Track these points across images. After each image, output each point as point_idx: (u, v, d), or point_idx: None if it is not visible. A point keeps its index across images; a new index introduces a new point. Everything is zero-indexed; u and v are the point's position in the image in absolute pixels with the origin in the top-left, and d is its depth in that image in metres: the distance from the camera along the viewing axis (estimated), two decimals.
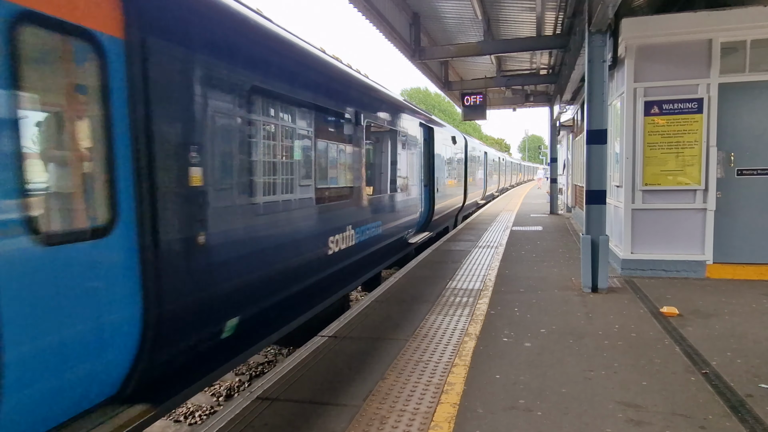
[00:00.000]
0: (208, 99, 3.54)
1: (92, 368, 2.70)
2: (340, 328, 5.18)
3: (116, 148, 2.76)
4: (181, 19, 3.31)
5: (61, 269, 2.48)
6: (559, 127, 18.11)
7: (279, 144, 4.72)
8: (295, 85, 4.85)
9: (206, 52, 3.50)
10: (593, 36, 6.33)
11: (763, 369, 3.95)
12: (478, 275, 7.54)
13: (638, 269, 7.31)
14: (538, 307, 5.77)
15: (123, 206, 2.81)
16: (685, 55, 7.02)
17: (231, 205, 3.81)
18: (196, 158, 3.38)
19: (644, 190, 7.25)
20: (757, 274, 6.95)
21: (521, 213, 18.10)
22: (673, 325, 5.06)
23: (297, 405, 3.52)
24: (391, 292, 6.64)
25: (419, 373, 3.97)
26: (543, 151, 53.64)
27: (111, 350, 2.79)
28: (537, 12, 10.24)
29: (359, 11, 9.09)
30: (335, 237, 5.75)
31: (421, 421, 3.22)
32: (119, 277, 2.81)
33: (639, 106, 7.16)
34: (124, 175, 2.81)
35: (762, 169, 6.94)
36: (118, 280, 2.80)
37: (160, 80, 3.06)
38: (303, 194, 5.14)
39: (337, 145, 6.29)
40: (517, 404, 3.43)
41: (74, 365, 2.59)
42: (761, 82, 6.85)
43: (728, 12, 6.82)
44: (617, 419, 3.20)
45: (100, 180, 2.74)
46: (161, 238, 3.03)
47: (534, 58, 15.32)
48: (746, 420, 3.16)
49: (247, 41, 4.12)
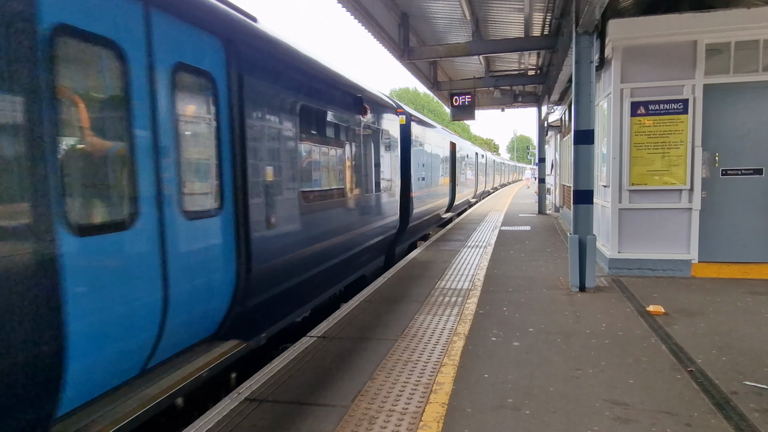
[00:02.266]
0: (278, 114, 4.75)
1: (207, 308, 3.80)
2: (329, 328, 5.17)
3: (222, 156, 3.89)
4: (259, 59, 4.45)
5: (199, 234, 3.63)
6: (547, 128, 18.23)
7: (320, 151, 6.08)
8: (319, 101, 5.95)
9: (275, 82, 4.70)
10: (580, 37, 6.38)
11: (748, 366, 4.00)
12: (467, 275, 7.56)
13: (625, 268, 7.38)
14: (526, 307, 5.80)
15: (226, 196, 3.94)
16: (670, 57, 7.10)
17: (289, 195, 4.96)
18: (270, 160, 4.53)
19: (631, 190, 7.32)
20: (742, 272, 7.04)
21: (510, 213, 18.20)
22: (660, 323, 5.11)
23: (285, 406, 3.50)
24: (380, 292, 6.64)
25: (408, 373, 3.96)
26: (531, 152, 53.95)
27: (216, 297, 3.89)
28: (525, 13, 10.29)
29: (348, 11, 9.07)
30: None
31: (410, 421, 3.22)
32: (224, 240, 3.92)
33: (626, 106, 7.23)
34: (227, 174, 3.94)
35: (746, 169, 7.04)
36: (223, 242, 3.91)
37: (248, 102, 4.17)
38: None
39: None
40: (505, 403, 3.44)
41: (202, 304, 3.71)
42: (745, 83, 6.95)
43: (712, 14, 6.91)
44: (604, 417, 3.22)
45: (215, 176, 3.85)
46: (249, 218, 4.16)
47: (522, 59, 15.41)
48: (731, 417, 3.20)
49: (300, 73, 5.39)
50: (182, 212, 3.42)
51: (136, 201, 3.01)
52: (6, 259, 2.26)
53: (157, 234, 3.18)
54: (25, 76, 2.35)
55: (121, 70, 2.93)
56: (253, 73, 4.27)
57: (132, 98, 3.00)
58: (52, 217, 2.46)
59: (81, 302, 2.62)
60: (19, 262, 2.31)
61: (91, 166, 2.82)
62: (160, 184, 3.20)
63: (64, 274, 2.52)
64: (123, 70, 2.94)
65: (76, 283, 2.59)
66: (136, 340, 3.09)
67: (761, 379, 3.75)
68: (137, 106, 3.03)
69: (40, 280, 2.40)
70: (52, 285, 2.45)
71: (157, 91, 3.19)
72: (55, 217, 2.48)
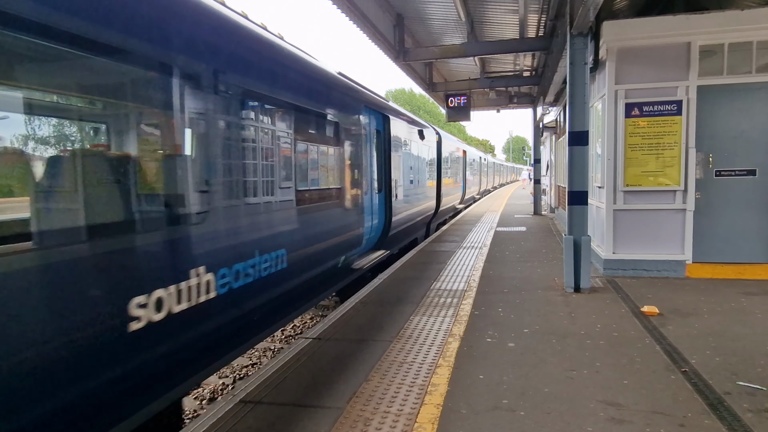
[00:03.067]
0: (400, 146, 9.94)
1: (376, 235, 8.38)
2: (324, 329, 5.16)
3: (384, 167, 8.77)
4: (394, 120, 9.35)
5: (379, 202, 8.46)
6: (542, 129, 18.26)
7: (413, 162, 11.70)
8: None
9: (397, 131, 9.61)
10: (575, 38, 6.40)
11: (741, 366, 4.02)
12: (463, 276, 7.57)
13: (620, 269, 7.40)
14: (521, 308, 5.81)
15: (384, 184, 8.76)
16: (664, 58, 7.13)
17: (406, 184, 10.32)
18: (399, 168, 9.72)
19: (625, 191, 7.34)
20: (735, 273, 7.07)
21: (505, 214, 18.23)
22: (654, 324, 5.13)
23: (280, 408, 3.50)
24: (376, 293, 6.63)
25: (403, 375, 3.96)
26: (527, 152, 54.06)
27: (379, 231, 8.55)
28: (520, 14, 10.32)
29: (342, 12, 9.08)
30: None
31: (405, 422, 3.22)
32: (383, 205, 8.67)
33: (620, 107, 7.25)
34: (386, 173, 8.81)
35: (739, 170, 7.08)
36: (383, 205, 8.68)
37: (391, 134, 9.05)
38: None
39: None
40: (500, 404, 3.45)
41: (375, 233, 8.33)
42: (738, 84, 6.99)
43: (706, 16, 6.94)
44: (599, 418, 3.23)
45: (381, 175, 8.62)
46: (391, 194, 8.95)
47: (517, 60, 15.45)
48: (724, 417, 3.21)
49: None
50: (377, 190, 8.32)
51: (379, 184, 8.33)
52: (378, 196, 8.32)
53: (383, 194, 8.58)
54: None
55: (380, 139, 8.36)
56: (392, 128, 9.02)
57: (383, 148, 8.61)
58: (391, 188, 8.87)
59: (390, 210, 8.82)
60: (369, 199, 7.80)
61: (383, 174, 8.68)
62: (376, 180, 8.17)
63: (376, 207, 8.23)
64: (381, 138, 8.43)
65: (369, 209, 7.76)
66: (375, 235, 8.15)
67: (754, 379, 3.77)
68: (378, 150, 8.22)
69: (383, 211, 8.60)
70: (387, 205, 8.81)
71: (377, 141, 8.15)
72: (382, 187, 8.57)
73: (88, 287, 2.61)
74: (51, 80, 2.84)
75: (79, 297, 2.56)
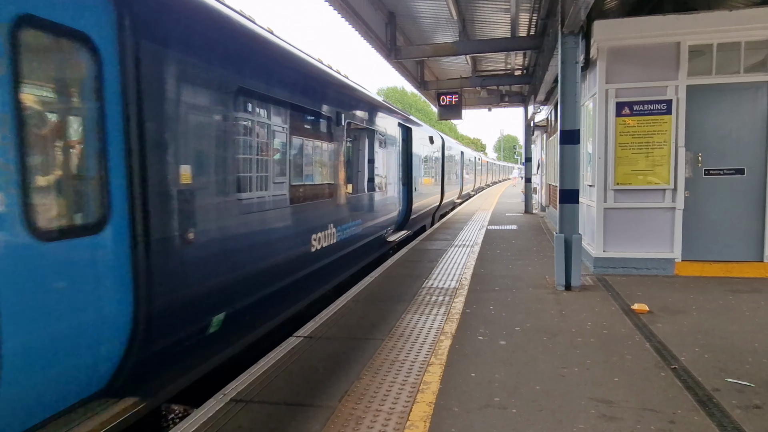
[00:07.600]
0: (418, 148, 13.10)
1: (396, 218, 10.66)
2: (315, 328, 5.15)
3: (408, 164, 11.81)
4: (414, 126, 12.76)
5: (404, 193, 11.52)
6: (533, 128, 18.34)
7: (430, 164, 15.51)
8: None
9: (414, 137, 12.62)
10: (566, 38, 6.42)
11: (730, 363, 4.06)
12: (454, 274, 7.58)
13: (610, 267, 7.45)
14: (512, 306, 5.83)
15: (406, 180, 11.62)
16: (654, 58, 7.18)
17: (427, 179, 14.39)
18: (417, 164, 12.70)
19: (616, 190, 7.39)
20: (724, 271, 7.15)
21: (497, 212, 18.29)
22: (644, 321, 5.17)
23: (272, 407, 3.48)
24: (368, 292, 6.63)
25: (395, 373, 3.96)
26: (518, 151, 54.30)
27: (399, 214, 10.96)
28: (511, 13, 10.35)
29: (335, 9, 9.05)
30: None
31: (397, 420, 3.21)
32: (407, 195, 11.72)
33: (610, 106, 7.29)
34: (407, 172, 11.76)
35: (728, 169, 7.14)
36: (407, 196, 11.76)
37: (412, 141, 12.23)
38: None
39: None
40: (492, 402, 3.46)
41: (400, 217, 11.25)
42: (727, 84, 7.05)
43: (695, 16, 7.00)
44: (590, 415, 3.25)
45: (402, 173, 11.37)
46: (411, 187, 11.86)
47: (509, 59, 15.50)
48: (714, 414, 3.24)
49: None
50: (403, 184, 11.19)
51: (404, 179, 11.29)
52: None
53: (406, 188, 11.44)
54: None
55: (405, 145, 11.57)
56: (413, 137, 11.95)
57: (407, 152, 11.73)
58: (411, 183, 11.78)
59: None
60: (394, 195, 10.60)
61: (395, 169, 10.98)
62: (404, 176, 11.33)
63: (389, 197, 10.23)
64: (405, 145, 11.57)
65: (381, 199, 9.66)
66: (401, 219, 11.01)
67: (743, 375, 3.81)
68: (404, 153, 11.54)
69: (406, 200, 11.63)
70: (408, 196, 11.72)
71: (404, 147, 11.40)
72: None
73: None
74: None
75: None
